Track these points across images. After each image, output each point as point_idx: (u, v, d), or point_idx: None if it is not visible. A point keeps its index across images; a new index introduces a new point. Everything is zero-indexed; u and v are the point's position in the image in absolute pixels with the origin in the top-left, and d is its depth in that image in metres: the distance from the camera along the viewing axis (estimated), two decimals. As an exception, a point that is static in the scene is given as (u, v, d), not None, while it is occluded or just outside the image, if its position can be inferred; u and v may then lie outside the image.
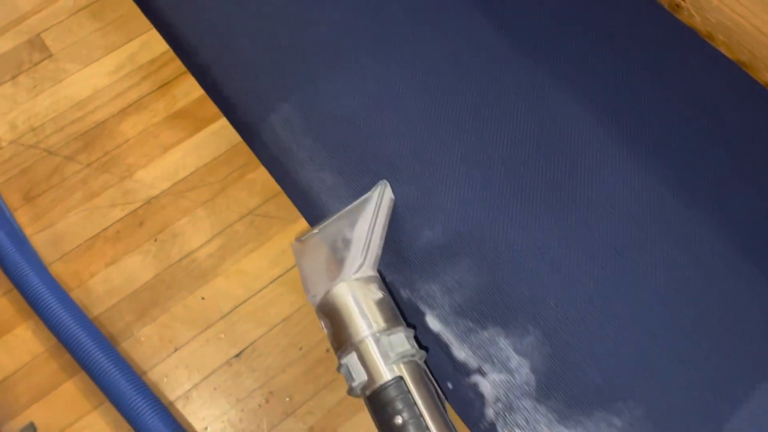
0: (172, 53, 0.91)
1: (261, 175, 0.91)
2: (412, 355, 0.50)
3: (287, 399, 0.79)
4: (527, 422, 0.48)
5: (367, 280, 0.52)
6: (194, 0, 0.75)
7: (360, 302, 0.50)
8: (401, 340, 0.50)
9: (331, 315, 0.52)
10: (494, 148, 0.56)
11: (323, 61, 0.63)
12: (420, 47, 0.62)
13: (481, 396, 0.50)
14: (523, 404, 0.48)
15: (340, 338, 0.51)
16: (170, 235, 0.88)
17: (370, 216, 0.53)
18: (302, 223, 0.87)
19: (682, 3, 0.63)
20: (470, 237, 0.54)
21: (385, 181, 0.55)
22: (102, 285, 0.85)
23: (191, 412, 0.78)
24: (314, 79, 0.62)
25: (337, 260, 0.53)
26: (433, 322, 0.53)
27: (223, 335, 0.82)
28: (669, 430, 0.47)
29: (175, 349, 0.81)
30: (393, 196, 0.55)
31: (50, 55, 1.01)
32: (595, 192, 0.54)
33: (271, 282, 0.85)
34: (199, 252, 0.87)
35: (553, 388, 0.49)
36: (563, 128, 0.57)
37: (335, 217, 0.56)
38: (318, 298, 0.53)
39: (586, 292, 0.51)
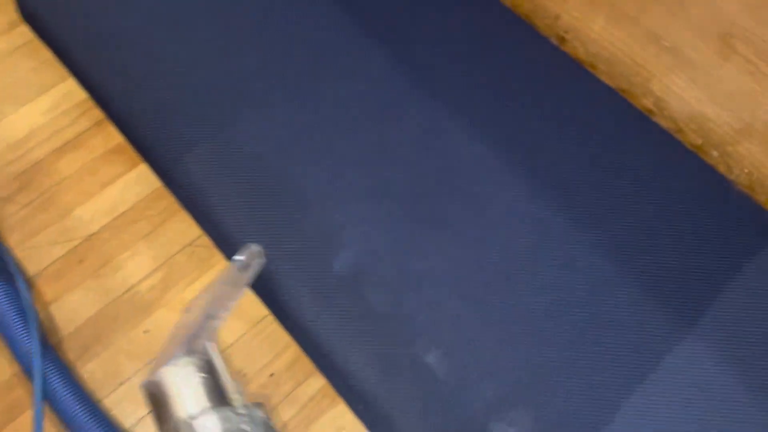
0: (105, 92, 0.93)
1: (200, 205, 0.94)
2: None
3: (232, 423, 0.82)
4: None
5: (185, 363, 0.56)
6: (106, 47, 0.77)
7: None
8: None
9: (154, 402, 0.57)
10: (396, 184, 0.61)
11: (234, 105, 0.67)
12: (326, 90, 0.67)
13: None
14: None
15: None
16: (111, 270, 0.90)
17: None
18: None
19: (566, 36, 0.68)
20: (374, 268, 0.58)
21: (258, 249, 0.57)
22: (44, 324, 0.86)
23: (137, 444, 0.80)
24: (224, 123, 0.65)
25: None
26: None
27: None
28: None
29: (120, 384, 0.84)
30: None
31: (-16, 98, 1.02)
32: (488, 223, 0.60)
33: (213, 310, 0.88)
34: (141, 285, 0.90)
35: (451, 403, 0.54)
36: (460, 164, 0.62)
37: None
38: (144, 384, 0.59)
39: (482, 313, 0.56)
